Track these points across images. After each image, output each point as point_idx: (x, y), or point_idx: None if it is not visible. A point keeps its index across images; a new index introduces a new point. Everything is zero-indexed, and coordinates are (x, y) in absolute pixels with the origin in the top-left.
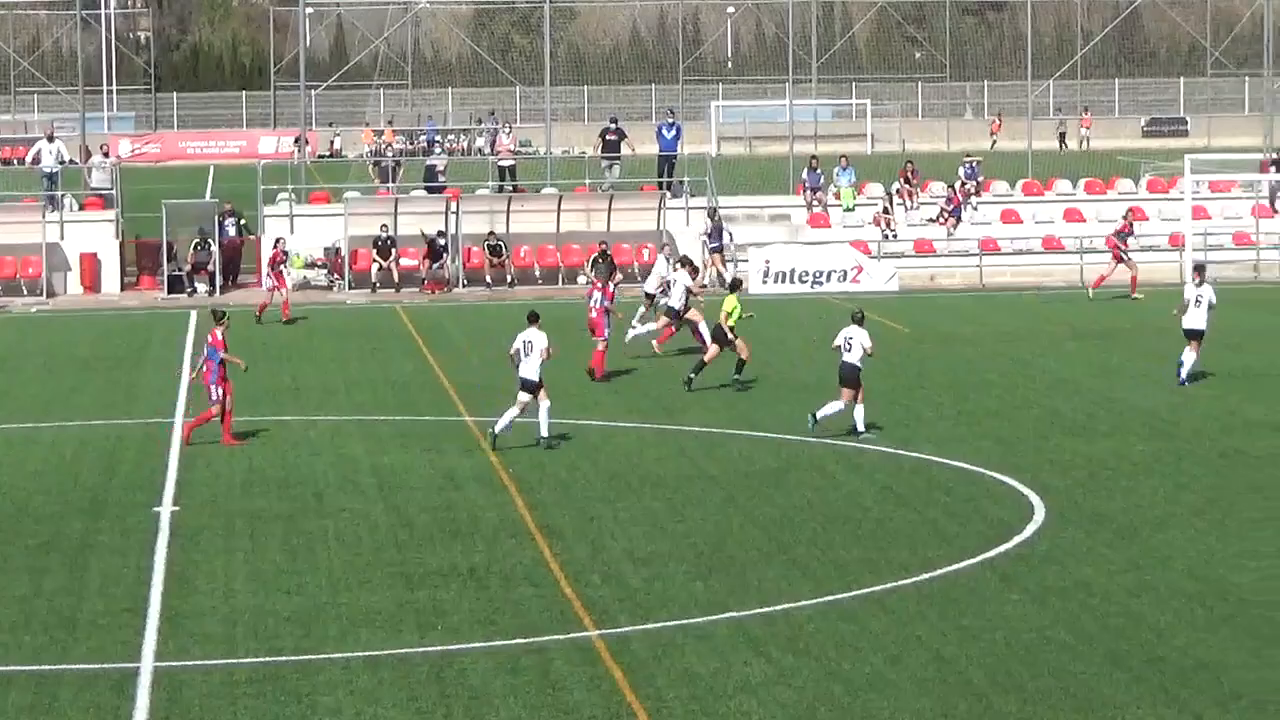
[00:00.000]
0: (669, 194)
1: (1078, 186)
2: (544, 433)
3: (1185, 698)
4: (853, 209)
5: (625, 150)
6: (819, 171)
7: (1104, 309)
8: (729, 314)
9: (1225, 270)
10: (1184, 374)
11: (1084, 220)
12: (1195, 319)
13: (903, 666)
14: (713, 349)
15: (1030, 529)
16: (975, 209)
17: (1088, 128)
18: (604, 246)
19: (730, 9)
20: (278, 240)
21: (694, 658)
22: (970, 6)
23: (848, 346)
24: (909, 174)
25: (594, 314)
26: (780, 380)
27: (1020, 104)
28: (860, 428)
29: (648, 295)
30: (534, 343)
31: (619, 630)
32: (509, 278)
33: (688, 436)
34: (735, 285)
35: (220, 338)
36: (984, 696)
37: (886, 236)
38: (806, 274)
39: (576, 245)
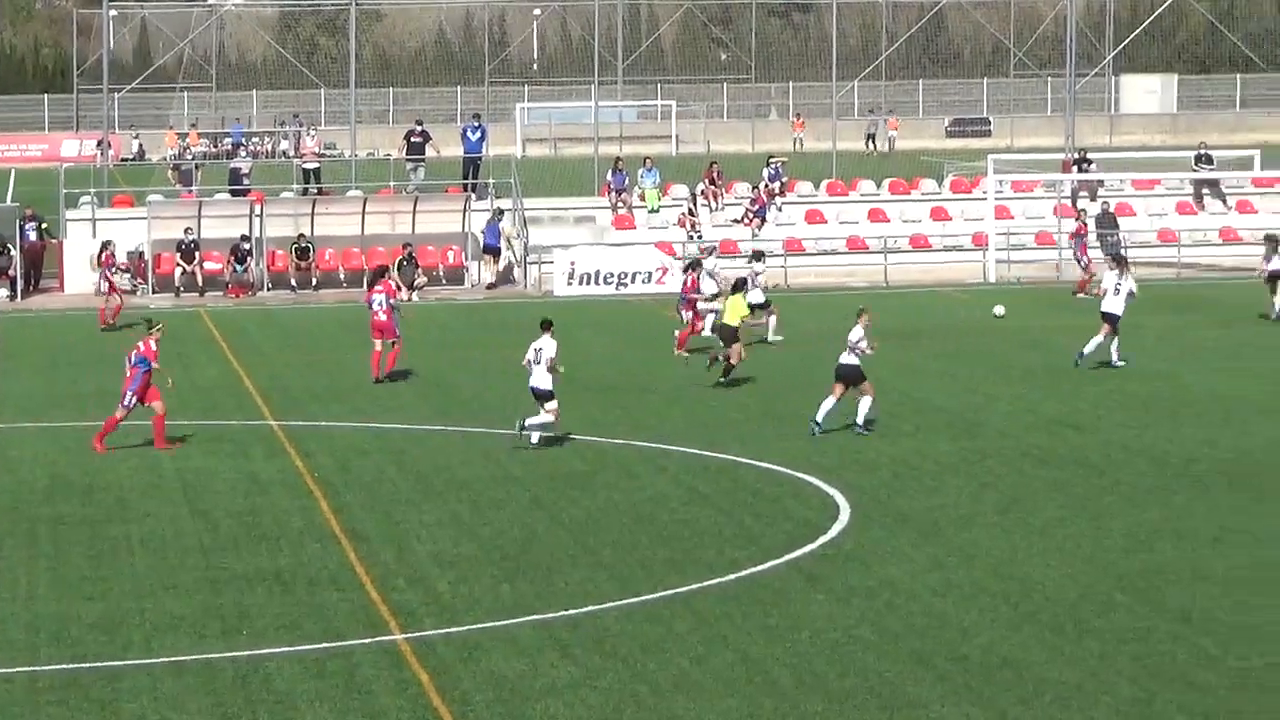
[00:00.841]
0: (474, 196)
1: (882, 187)
2: (534, 439)
3: (989, 695)
4: (657, 210)
5: (430, 152)
6: (624, 173)
7: (907, 308)
8: (742, 315)
9: (1028, 270)
10: (1082, 355)
11: (888, 220)
12: (1112, 304)
13: (708, 667)
14: (735, 348)
15: (835, 529)
16: (780, 210)
17: (895, 129)
18: (409, 249)
19: (536, 11)
20: (107, 244)
21: (500, 660)
22: (776, 8)
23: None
24: (714, 175)
25: (382, 316)
26: (586, 383)
27: (825, 105)
28: (860, 420)
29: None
30: (544, 350)
31: (425, 633)
32: (314, 281)
33: (493, 439)
34: (740, 285)
35: (153, 347)
36: (789, 696)
37: (691, 238)
38: (611, 275)
39: (381, 248)
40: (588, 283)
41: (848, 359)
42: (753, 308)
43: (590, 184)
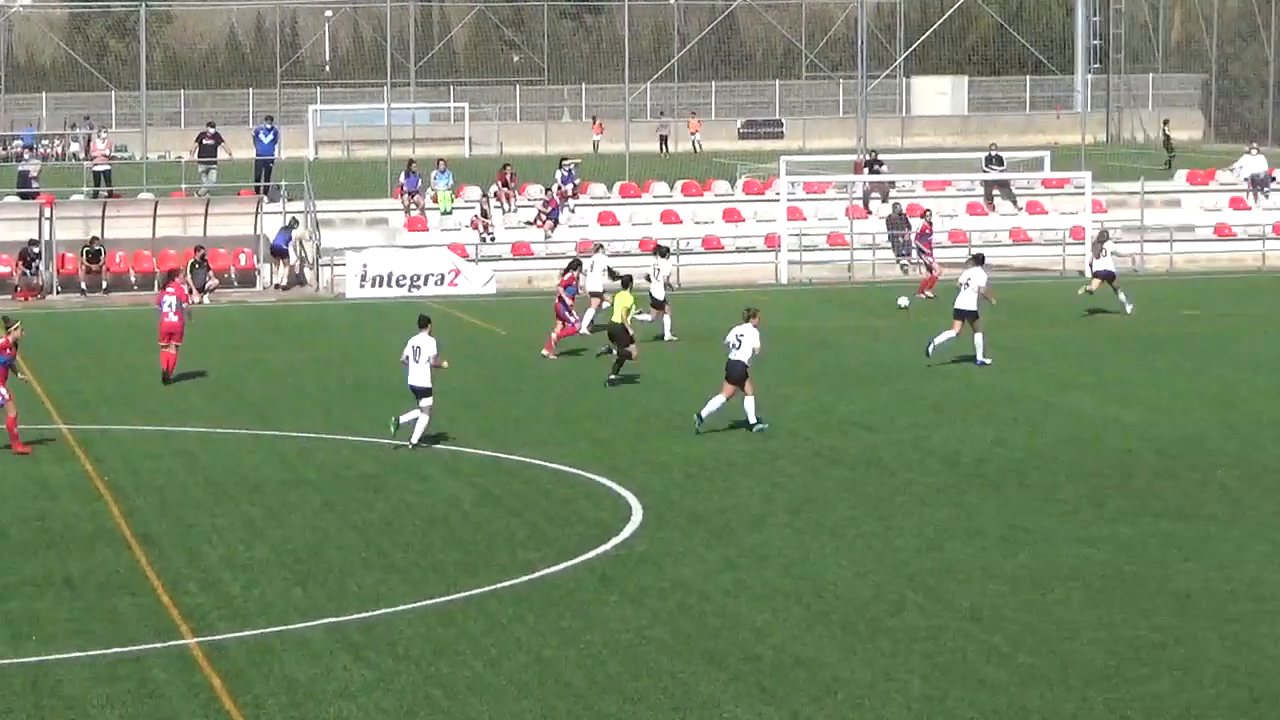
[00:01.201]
0: (266, 199)
1: (674, 189)
2: (414, 439)
3: (782, 694)
4: (450, 212)
5: (222, 155)
6: (417, 175)
7: (700, 309)
8: (627, 310)
9: (820, 271)
10: (934, 344)
11: (681, 222)
12: (964, 300)
13: (502, 669)
14: (633, 347)
15: (628, 530)
16: (573, 211)
17: (696, 132)
18: (201, 252)
19: (328, 13)
20: None
21: (293, 664)
22: (568, 10)
23: (737, 344)
24: (507, 177)
25: (172, 317)
26: (378, 385)
27: (619, 107)
28: (753, 419)
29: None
30: (422, 348)
31: (217, 637)
32: (104, 284)
33: (285, 442)
34: (627, 282)
35: (12, 345)
36: (583, 698)
37: (484, 239)
38: (404, 278)
39: (173, 251)
40: (380, 285)
41: (742, 359)
42: (657, 303)
43: (383, 186)
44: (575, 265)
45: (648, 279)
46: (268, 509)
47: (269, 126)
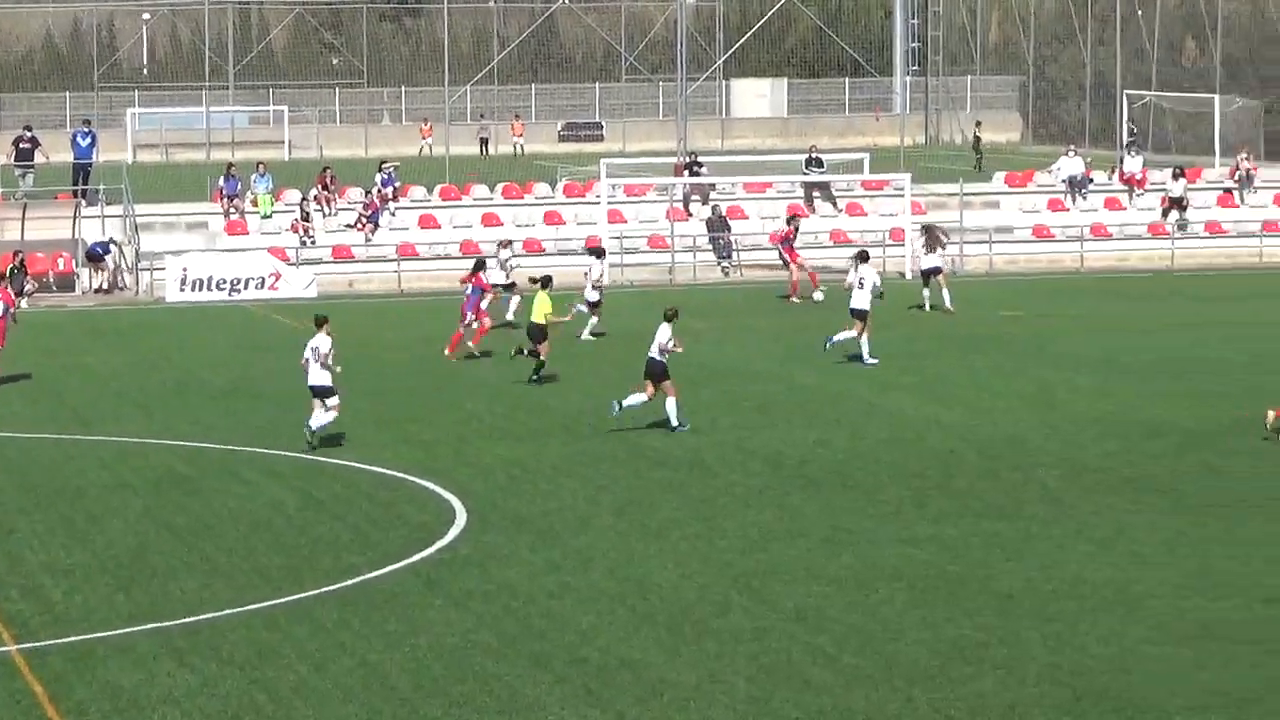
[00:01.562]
0: (84, 202)
1: (495, 191)
2: (313, 432)
3: (608, 697)
4: (270, 216)
5: (39, 158)
6: (236, 179)
7: (521, 311)
8: (545, 312)
9: (641, 273)
10: (832, 341)
11: (502, 224)
12: (859, 300)
13: (327, 673)
14: (544, 345)
15: (452, 533)
16: (393, 214)
17: (519, 135)
18: (19, 256)
19: (145, 15)
20: None
21: (116, 670)
22: (387, 13)
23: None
24: (327, 180)
25: None
26: (199, 387)
27: (439, 109)
28: (675, 422)
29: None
30: (320, 347)
31: (39, 644)
32: None
33: (106, 446)
34: (547, 282)
35: None
36: (409, 701)
37: (305, 243)
38: (224, 281)
39: None
40: (200, 289)
41: (656, 356)
42: (591, 304)
43: (202, 190)
44: (481, 265)
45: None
46: (89, 514)
47: (86, 130)
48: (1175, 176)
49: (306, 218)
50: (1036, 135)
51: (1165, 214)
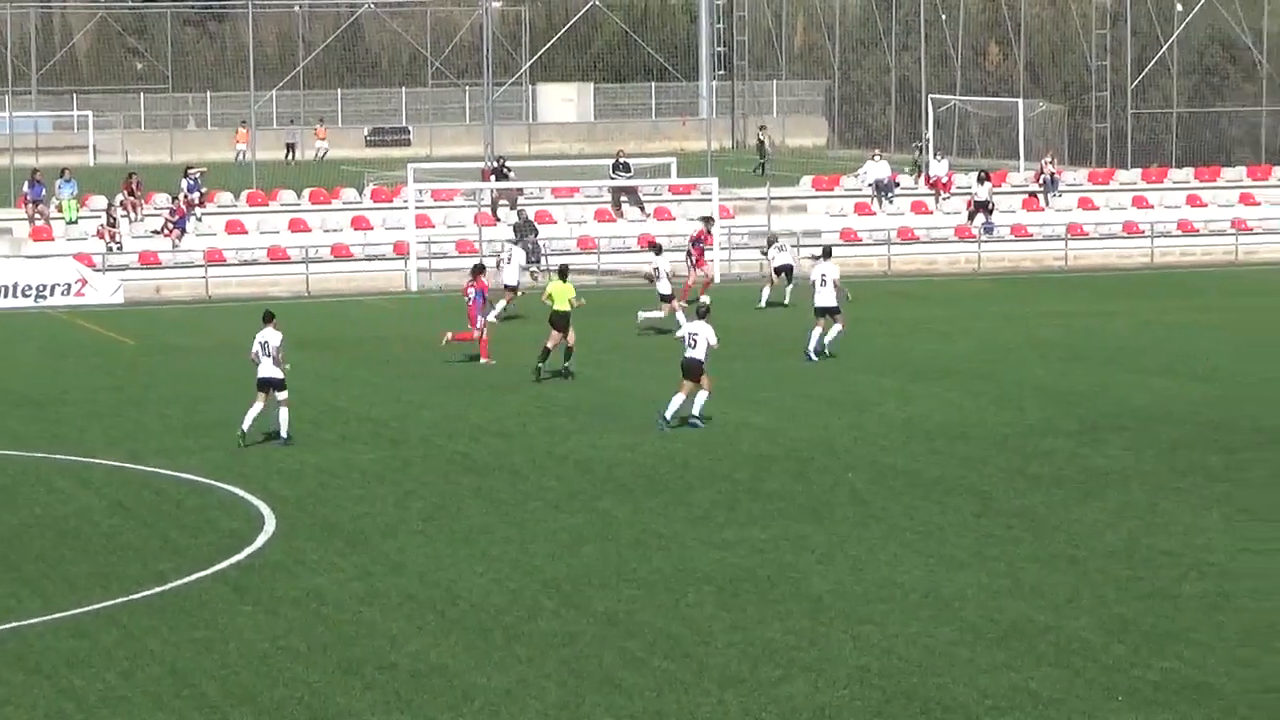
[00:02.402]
0: None
1: (302, 197)
2: (284, 433)
3: (419, 702)
4: (76, 221)
5: None
6: (41, 184)
7: (330, 317)
8: (569, 299)
9: (450, 278)
10: (812, 348)
11: (309, 230)
12: (824, 297)
13: (136, 681)
14: (570, 334)
15: (262, 539)
16: (200, 220)
17: (322, 139)
18: None
19: None
20: None
21: None
22: (191, 17)
23: (692, 343)
24: (133, 186)
25: None
26: (4, 395)
27: (246, 115)
28: (697, 413)
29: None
30: (270, 342)
31: None
32: None
33: None
34: (564, 272)
35: None
36: (219, 708)
37: (111, 249)
38: (29, 288)
39: None
40: (5, 295)
41: (699, 356)
42: (663, 297)
43: (6, 196)
44: (481, 269)
45: (649, 279)
46: None
47: None
48: (981, 180)
49: (113, 224)
50: (843, 139)
51: (971, 217)
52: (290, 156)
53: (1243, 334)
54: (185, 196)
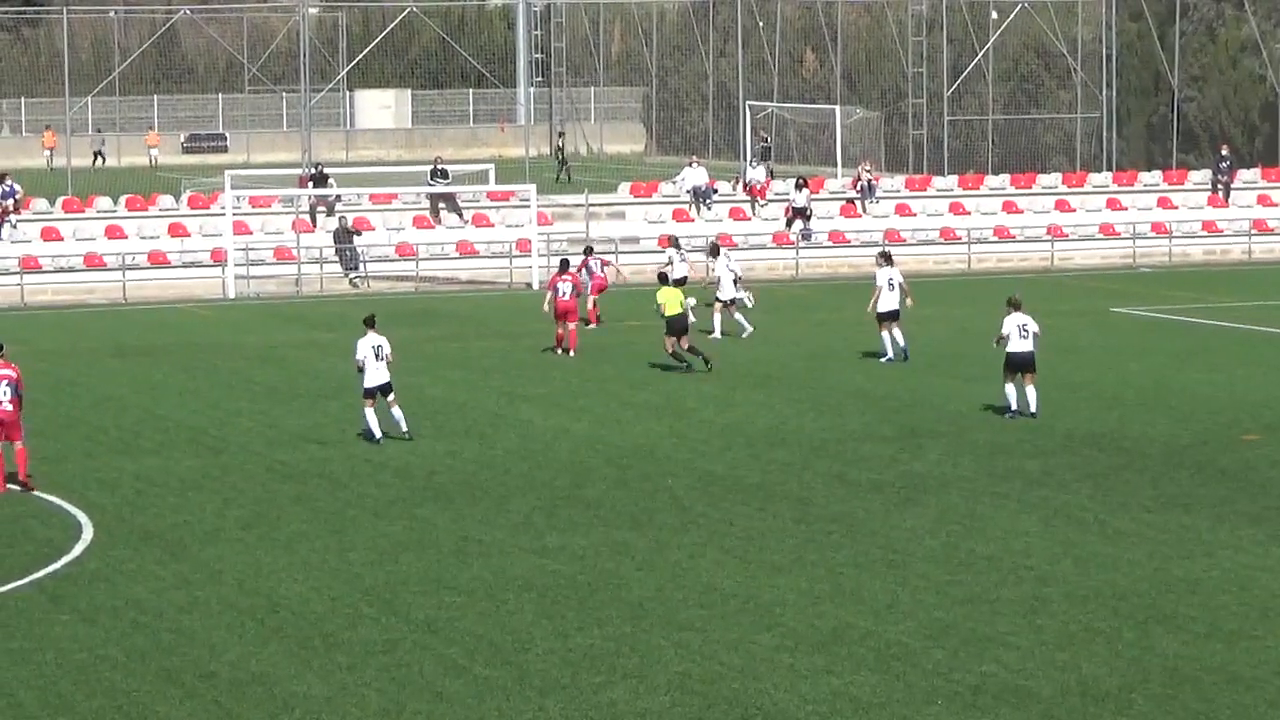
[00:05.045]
0: None
1: (119, 203)
2: (405, 429)
3: (239, 711)
4: None
5: None
6: None
7: (147, 325)
8: (680, 302)
9: (268, 285)
10: (892, 353)
11: (126, 236)
12: (892, 301)
13: None
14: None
15: (79, 548)
16: (14, 226)
17: (155, 145)
18: None
19: None
20: None
21: None
22: (5, 22)
23: (1023, 333)
24: None
25: None
26: None
27: (60, 120)
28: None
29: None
30: (382, 346)
31: None
32: None
33: None
34: (665, 278)
35: None
36: (35, 719)
37: None
38: None
39: None
40: None
41: (1027, 346)
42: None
43: None
44: (565, 265)
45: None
46: None
47: None
48: (798, 187)
49: None
50: (661, 146)
51: (789, 224)
52: (97, 164)
53: (1058, 339)
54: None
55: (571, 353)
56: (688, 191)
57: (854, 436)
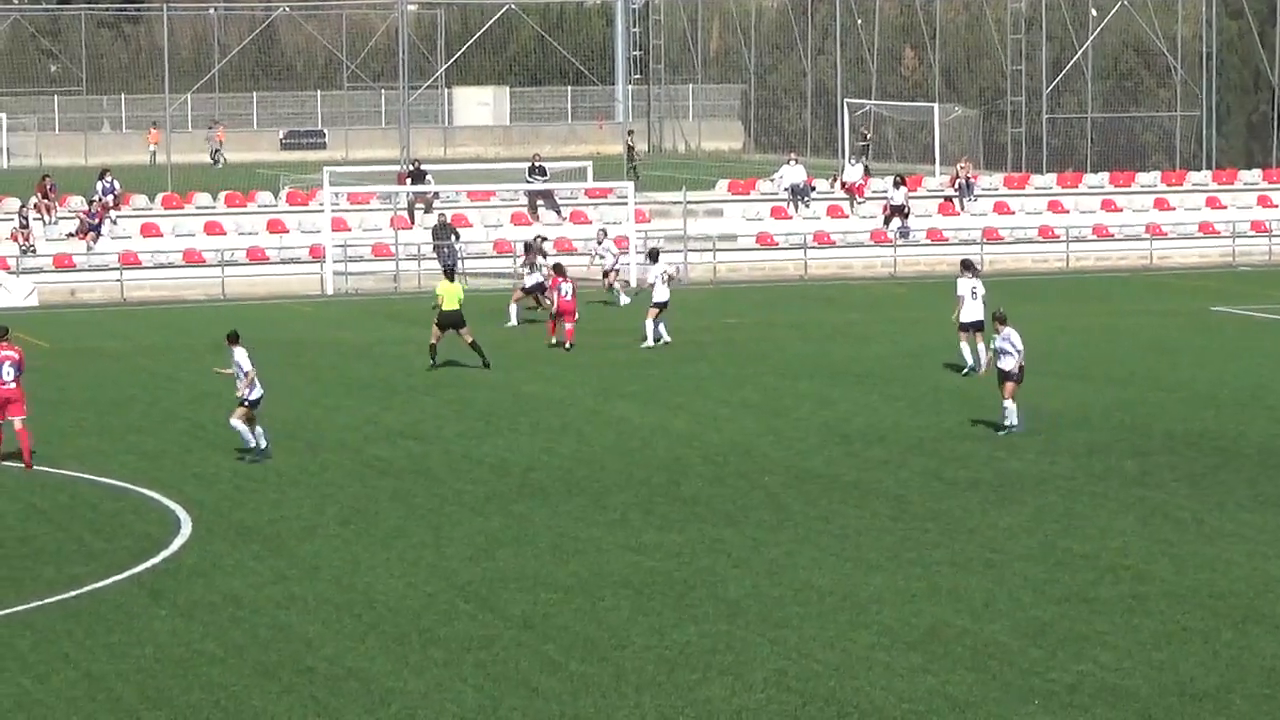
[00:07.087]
0: None
1: (218, 199)
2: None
3: (336, 706)
4: None
5: None
6: None
7: (245, 321)
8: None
9: (365, 282)
10: (978, 363)
11: (224, 233)
12: (975, 311)
13: (50, 685)
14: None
15: (177, 543)
16: (114, 223)
17: (220, 141)
18: None
19: None
20: None
21: None
22: (106, 19)
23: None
24: (47, 188)
25: None
26: None
27: (161, 117)
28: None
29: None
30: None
31: None
32: None
33: None
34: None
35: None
36: (134, 712)
37: (25, 252)
38: None
39: None
40: None
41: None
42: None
43: None
44: (561, 270)
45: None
46: None
47: None
48: (896, 185)
49: (26, 226)
50: (759, 143)
51: (887, 222)
52: (218, 164)
53: (1156, 338)
54: (100, 199)
55: (568, 345)
56: (786, 189)
57: (951, 434)
